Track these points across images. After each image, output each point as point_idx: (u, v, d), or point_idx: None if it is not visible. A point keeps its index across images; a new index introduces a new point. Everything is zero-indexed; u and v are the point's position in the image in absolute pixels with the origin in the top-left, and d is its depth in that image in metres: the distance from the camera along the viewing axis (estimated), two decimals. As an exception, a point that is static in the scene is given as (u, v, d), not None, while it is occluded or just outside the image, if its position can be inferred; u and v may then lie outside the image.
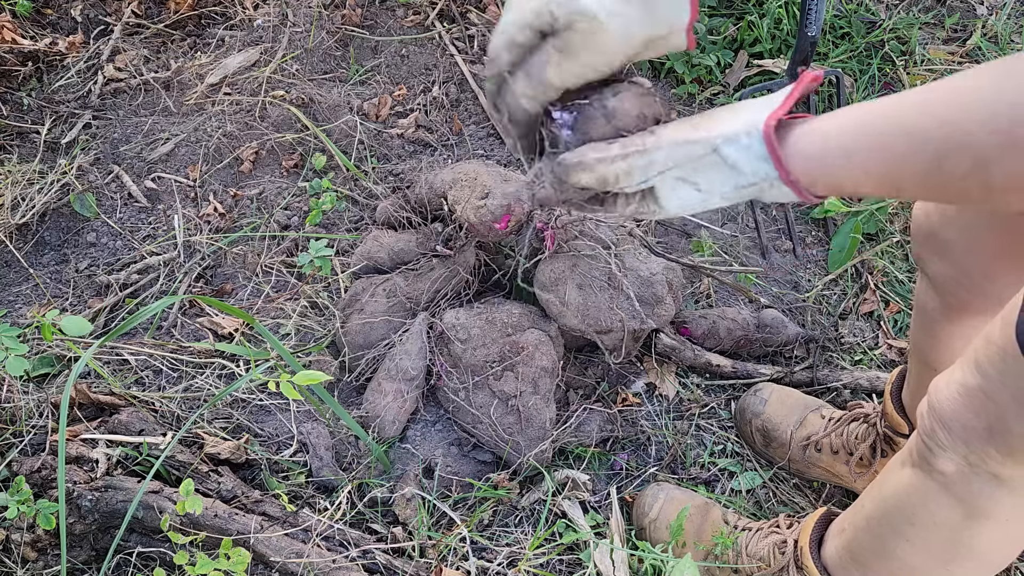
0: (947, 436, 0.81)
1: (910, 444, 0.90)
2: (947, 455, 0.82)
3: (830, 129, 0.62)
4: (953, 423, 0.80)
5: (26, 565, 1.20)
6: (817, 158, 0.62)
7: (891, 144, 0.58)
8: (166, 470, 1.27)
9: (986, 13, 2.13)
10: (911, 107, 0.58)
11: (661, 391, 1.50)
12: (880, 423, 1.30)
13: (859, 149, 0.59)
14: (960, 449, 0.80)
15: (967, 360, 0.79)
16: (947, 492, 0.84)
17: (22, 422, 1.31)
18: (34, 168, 1.74)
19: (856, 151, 0.60)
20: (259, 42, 1.92)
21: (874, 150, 0.59)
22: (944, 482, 0.84)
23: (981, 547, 0.87)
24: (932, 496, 0.86)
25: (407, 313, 1.43)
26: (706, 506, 1.30)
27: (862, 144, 0.59)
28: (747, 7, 1.94)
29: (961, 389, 0.79)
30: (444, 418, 1.41)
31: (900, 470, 0.92)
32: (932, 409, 0.83)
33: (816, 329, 1.60)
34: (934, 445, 0.83)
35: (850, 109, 0.62)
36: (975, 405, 0.77)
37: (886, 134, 0.58)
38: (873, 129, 0.59)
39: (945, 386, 0.82)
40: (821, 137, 0.62)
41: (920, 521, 0.89)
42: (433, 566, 1.22)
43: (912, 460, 0.89)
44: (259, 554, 1.19)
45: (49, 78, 1.90)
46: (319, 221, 1.67)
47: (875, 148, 0.59)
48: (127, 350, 1.47)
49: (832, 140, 0.61)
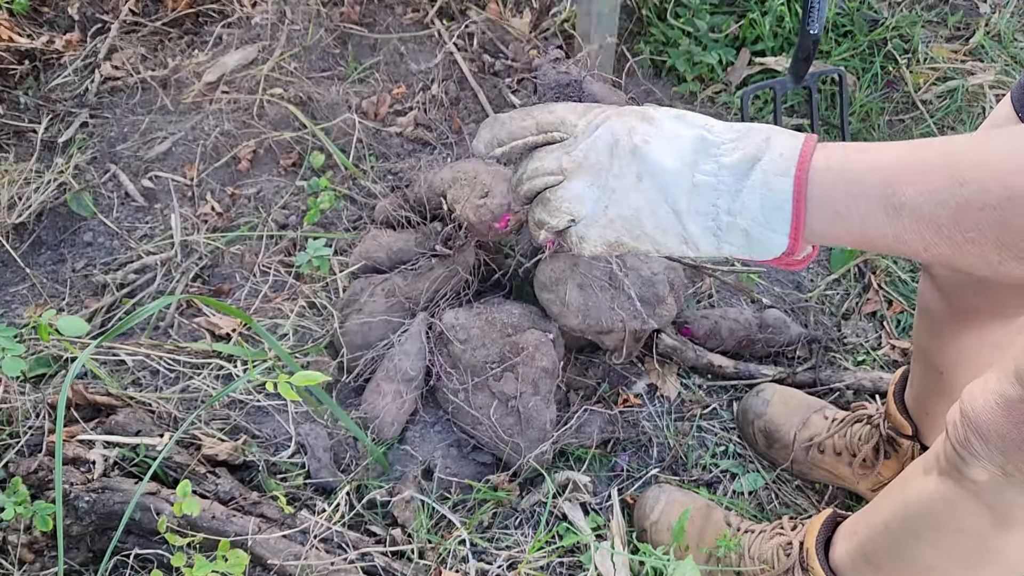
0: (983, 446, 0.79)
1: (937, 451, 0.88)
2: (982, 464, 0.80)
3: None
4: (991, 434, 0.78)
5: (23, 567, 1.19)
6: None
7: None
8: (163, 471, 1.27)
9: (989, 11, 2.12)
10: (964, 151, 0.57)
11: (662, 392, 1.49)
12: (883, 424, 1.29)
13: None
14: (997, 459, 0.78)
15: (1004, 370, 0.77)
16: (977, 499, 0.83)
17: (19, 423, 1.30)
18: (31, 167, 1.73)
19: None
20: (257, 40, 1.91)
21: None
22: (975, 490, 0.82)
23: (1009, 554, 0.86)
24: (961, 503, 0.84)
25: (406, 313, 1.42)
26: (708, 508, 1.29)
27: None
28: (749, 5, 1.93)
29: (1000, 400, 0.77)
30: (443, 419, 1.40)
31: (924, 476, 0.90)
32: (966, 418, 0.81)
33: (819, 329, 1.59)
34: (967, 454, 0.81)
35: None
36: (1015, 417, 0.75)
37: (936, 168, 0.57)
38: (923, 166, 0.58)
39: (981, 395, 0.80)
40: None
41: (946, 527, 0.88)
42: (432, 568, 1.21)
43: (939, 467, 0.87)
44: (257, 556, 1.18)
45: (46, 76, 1.89)
46: (317, 220, 1.66)
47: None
48: (124, 350, 1.46)
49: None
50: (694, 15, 1.88)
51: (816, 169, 0.61)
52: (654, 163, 0.66)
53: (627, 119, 0.69)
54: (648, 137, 0.67)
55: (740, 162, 0.63)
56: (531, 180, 0.73)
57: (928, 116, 1.90)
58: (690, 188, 0.65)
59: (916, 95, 1.93)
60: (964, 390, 0.84)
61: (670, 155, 0.65)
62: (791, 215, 0.61)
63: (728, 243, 0.65)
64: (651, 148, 0.66)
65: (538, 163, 0.73)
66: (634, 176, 0.67)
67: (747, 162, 0.63)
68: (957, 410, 0.84)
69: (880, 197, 0.58)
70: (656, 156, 0.66)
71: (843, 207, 0.60)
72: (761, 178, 0.62)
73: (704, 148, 0.65)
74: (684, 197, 0.65)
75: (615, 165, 0.68)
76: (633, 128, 0.67)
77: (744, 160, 0.63)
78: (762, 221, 0.62)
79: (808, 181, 0.61)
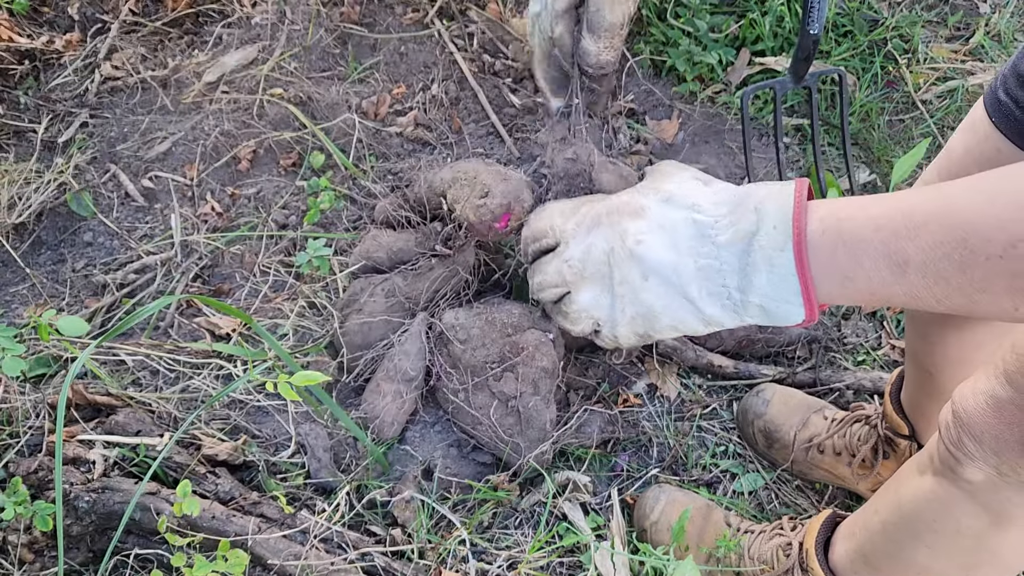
0: (977, 447, 0.79)
1: (930, 451, 0.88)
2: (976, 464, 0.80)
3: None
4: (984, 435, 0.78)
5: (23, 567, 1.19)
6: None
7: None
8: (163, 471, 1.27)
9: (989, 11, 2.11)
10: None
11: (662, 392, 1.49)
12: (881, 425, 1.29)
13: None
14: (991, 459, 0.78)
15: (994, 370, 0.77)
16: (973, 500, 0.83)
17: (19, 423, 1.30)
18: (31, 167, 1.73)
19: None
20: (257, 40, 1.91)
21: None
22: (971, 490, 0.82)
23: (1006, 553, 0.86)
24: (957, 503, 0.85)
25: (406, 313, 1.42)
26: (708, 508, 1.29)
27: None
28: (749, 5, 1.93)
29: (991, 400, 0.77)
30: (443, 419, 1.40)
31: (919, 477, 0.90)
32: (959, 419, 0.81)
33: (819, 329, 1.59)
34: (961, 455, 0.81)
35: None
36: (1007, 417, 0.75)
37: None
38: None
39: (972, 396, 0.80)
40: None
41: (942, 528, 0.88)
42: (432, 568, 1.21)
43: (934, 468, 0.87)
44: (257, 556, 1.18)
45: (46, 76, 1.89)
46: (317, 220, 1.66)
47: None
48: (124, 350, 1.46)
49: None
50: (694, 15, 1.88)
51: (813, 236, 0.61)
52: (654, 261, 0.67)
53: (617, 223, 0.70)
54: (640, 236, 0.67)
55: (735, 240, 0.63)
56: (541, 293, 0.77)
57: (928, 116, 1.90)
58: (695, 274, 0.65)
59: (916, 95, 1.93)
60: (955, 391, 0.84)
61: (666, 249, 0.66)
62: (799, 286, 0.61)
63: (749, 317, 0.66)
64: (647, 248, 0.67)
65: (541, 277, 0.76)
66: (639, 277, 0.68)
67: (743, 240, 0.63)
68: (949, 411, 0.84)
69: (883, 256, 0.57)
70: (654, 255, 0.67)
71: (849, 271, 0.60)
72: (762, 256, 0.62)
73: (698, 232, 0.65)
74: (693, 284, 0.66)
75: (616, 273, 0.69)
76: (625, 232, 0.68)
77: (739, 238, 0.63)
78: (774, 296, 0.63)
79: (808, 250, 0.61)
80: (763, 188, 0.65)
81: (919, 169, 1.75)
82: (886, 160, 1.85)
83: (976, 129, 0.91)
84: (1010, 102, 0.85)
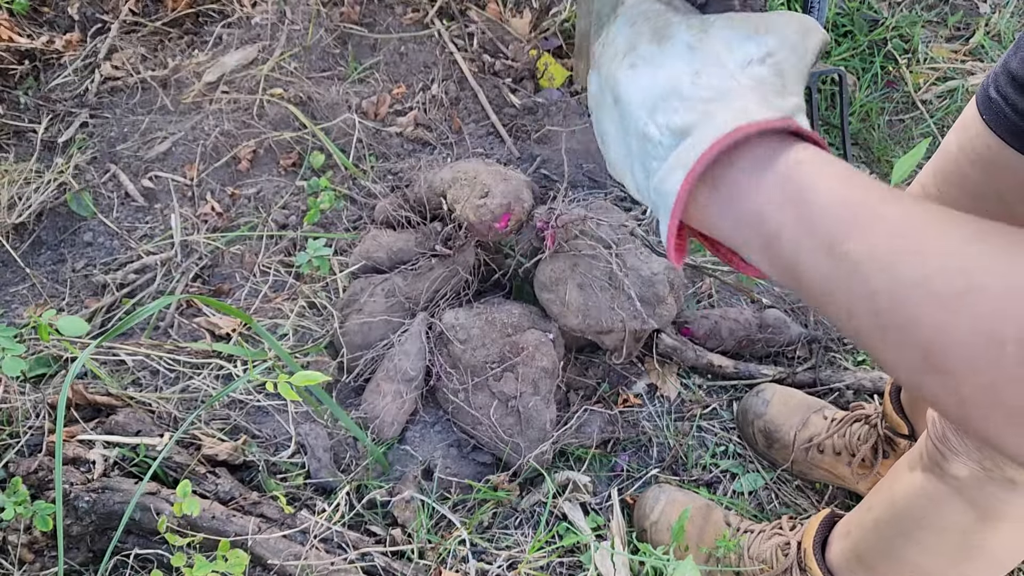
0: (960, 442, 0.80)
1: (920, 448, 0.89)
2: (960, 460, 0.81)
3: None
4: None
5: (23, 567, 1.19)
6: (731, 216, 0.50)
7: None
8: (163, 471, 1.26)
9: (989, 11, 2.12)
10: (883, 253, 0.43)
11: (662, 392, 1.49)
12: (880, 424, 1.29)
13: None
14: (974, 455, 0.79)
15: None
16: (960, 496, 0.84)
17: (19, 423, 1.30)
18: (31, 167, 1.73)
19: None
20: (257, 40, 1.91)
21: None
22: (957, 486, 0.83)
23: (993, 549, 0.87)
24: (944, 499, 0.85)
25: (406, 313, 1.42)
26: (708, 508, 1.29)
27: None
28: (749, 5, 1.93)
29: None
30: (443, 419, 1.40)
31: (909, 474, 0.91)
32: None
33: (819, 329, 1.59)
34: (946, 450, 0.82)
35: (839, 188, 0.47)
36: None
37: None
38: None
39: None
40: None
41: (931, 524, 0.89)
42: (432, 568, 1.21)
43: (923, 464, 0.88)
44: (257, 556, 1.18)
45: (46, 76, 1.89)
46: (317, 220, 1.66)
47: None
48: (124, 350, 1.46)
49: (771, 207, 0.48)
50: (694, 15, 1.88)
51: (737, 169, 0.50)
52: (624, 94, 0.58)
53: (643, 30, 0.60)
54: (636, 61, 0.59)
55: (677, 131, 0.53)
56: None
57: (928, 116, 1.90)
58: (641, 136, 0.56)
59: (916, 95, 1.93)
60: None
61: (639, 92, 0.57)
62: (669, 217, 0.52)
63: (659, 216, 0.56)
64: (631, 76, 0.58)
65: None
66: (610, 98, 0.61)
67: (682, 133, 0.53)
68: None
69: (821, 235, 0.45)
70: (627, 88, 0.58)
71: (753, 219, 0.49)
72: (675, 160, 0.52)
73: (669, 96, 0.55)
74: (635, 141, 0.57)
75: (606, 77, 0.61)
76: (635, 47, 0.59)
77: (680, 130, 0.53)
78: (662, 211, 0.54)
79: (712, 185, 0.51)
80: (738, 104, 0.52)
81: (919, 169, 1.75)
82: (886, 160, 1.85)
83: (968, 127, 0.92)
84: (1000, 99, 0.86)
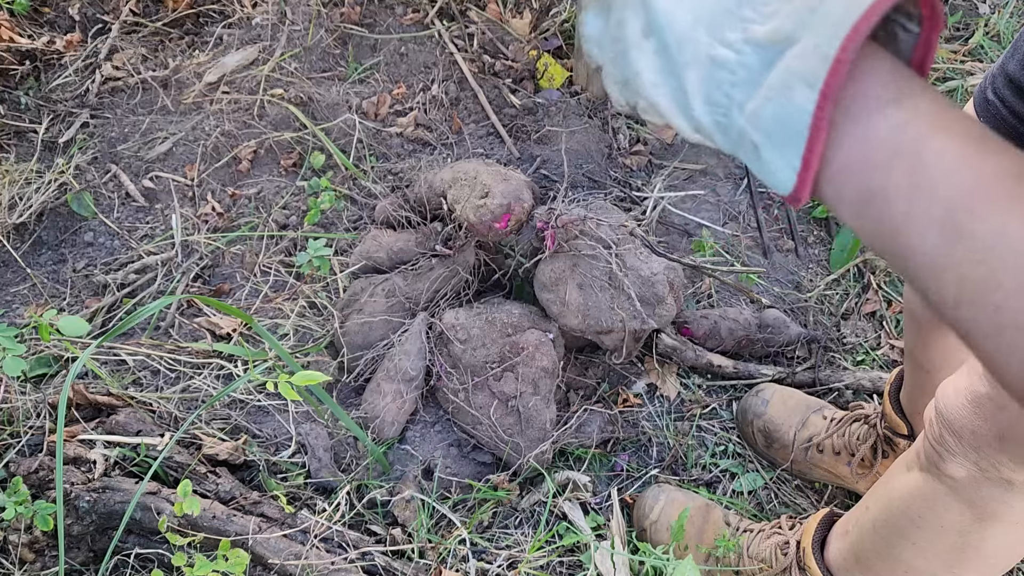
0: (957, 442, 0.80)
1: (917, 448, 0.89)
2: (957, 460, 0.81)
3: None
4: (963, 430, 0.79)
5: (24, 566, 1.19)
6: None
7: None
8: (164, 471, 1.27)
9: (988, 11, 2.12)
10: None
11: (662, 392, 1.49)
12: (880, 424, 1.29)
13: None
14: (971, 455, 0.79)
15: (975, 367, 0.78)
16: (956, 496, 0.84)
17: (19, 423, 1.30)
18: (31, 167, 1.73)
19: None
20: (257, 40, 1.91)
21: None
22: (954, 486, 0.83)
23: (989, 550, 0.87)
24: (940, 500, 0.86)
25: (406, 313, 1.42)
26: (707, 507, 1.29)
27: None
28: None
29: (970, 396, 0.78)
30: (443, 419, 1.40)
31: (907, 473, 0.92)
32: (940, 415, 0.82)
33: (818, 329, 1.59)
34: (943, 451, 0.82)
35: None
36: (985, 413, 0.77)
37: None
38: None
39: (953, 392, 0.81)
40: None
41: (927, 524, 0.89)
42: (432, 568, 1.21)
43: (920, 464, 0.88)
44: (257, 555, 1.18)
45: (47, 77, 1.89)
46: (317, 220, 1.66)
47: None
48: (125, 350, 1.47)
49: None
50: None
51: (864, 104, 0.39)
52: (665, 20, 0.44)
53: None
54: None
55: (770, 39, 0.40)
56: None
57: (928, 116, 1.90)
58: (705, 62, 0.43)
59: (916, 95, 1.93)
60: (939, 388, 0.85)
61: (689, 11, 0.43)
62: (804, 147, 0.40)
63: (743, 153, 0.44)
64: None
65: None
66: (639, 32, 0.47)
67: (779, 42, 0.40)
68: (933, 407, 0.84)
69: (942, 204, 0.37)
70: (669, 11, 0.44)
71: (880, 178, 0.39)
72: (781, 78, 0.40)
73: (741, 2, 0.42)
74: (694, 71, 0.44)
75: (630, 5, 0.47)
76: None
77: (776, 37, 0.40)
78: (774, 141, 0.41)
79: (845, 104, 0.39)
80: None
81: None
82: (886, 160, 1.84)
83: None
84: (997, 102, 0.86)
